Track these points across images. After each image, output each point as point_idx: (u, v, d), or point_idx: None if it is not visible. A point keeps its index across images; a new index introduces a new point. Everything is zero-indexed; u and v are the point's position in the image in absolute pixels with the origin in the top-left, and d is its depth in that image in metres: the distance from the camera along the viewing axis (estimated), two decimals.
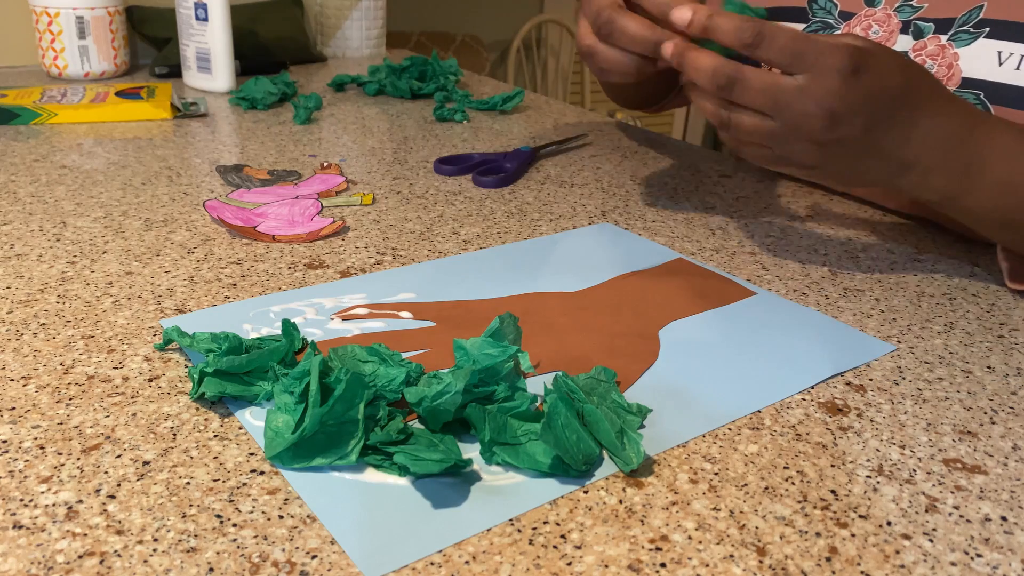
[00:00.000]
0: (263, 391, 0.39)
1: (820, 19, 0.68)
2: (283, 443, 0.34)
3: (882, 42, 0.59)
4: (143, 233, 0.58)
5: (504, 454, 0.35)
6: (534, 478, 0.35)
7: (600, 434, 0.36)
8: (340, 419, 0.34)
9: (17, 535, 0.30)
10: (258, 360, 0.39)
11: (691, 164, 0.82)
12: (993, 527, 0.33)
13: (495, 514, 0.32)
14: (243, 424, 0.37)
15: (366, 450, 0.35)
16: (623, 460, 0.35)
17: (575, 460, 0.34)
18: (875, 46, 0.48)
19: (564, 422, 0.35)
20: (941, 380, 0.44)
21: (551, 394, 0.36)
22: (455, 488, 0.34)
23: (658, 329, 0.47)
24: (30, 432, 0.36)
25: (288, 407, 0.36)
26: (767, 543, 0.32)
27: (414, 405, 0.36)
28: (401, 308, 0.48)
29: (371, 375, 0.39)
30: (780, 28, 0.48)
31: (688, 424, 0.39)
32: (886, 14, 0.64)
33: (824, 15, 0.68)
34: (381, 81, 1.05)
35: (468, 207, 0.67)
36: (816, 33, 0.60)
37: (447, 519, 0.32)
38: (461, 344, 0.40)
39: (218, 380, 0.38)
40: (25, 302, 0.48)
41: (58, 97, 0.89)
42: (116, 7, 1.04)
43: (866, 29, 0.64)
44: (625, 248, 0.59)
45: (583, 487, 0.34)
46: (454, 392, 0.35)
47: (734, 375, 0.43)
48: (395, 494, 0.33)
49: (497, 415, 0.36)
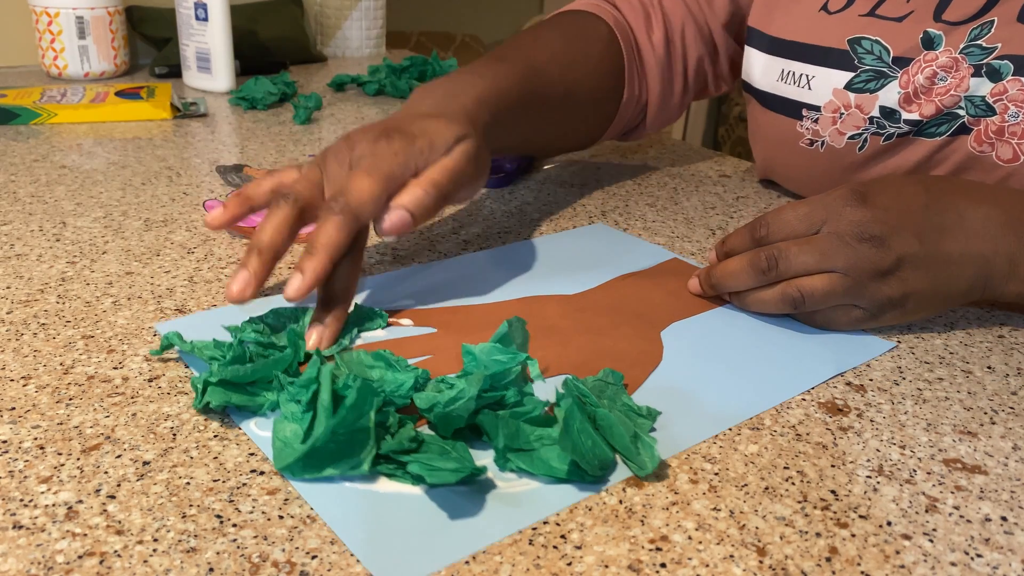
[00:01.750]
0: (268, 401, 0.38)
1: (870, 66, 0.59)
2: (293, 454, 0.33)
3: (951, 89, 0.56)
4: (143, 233, 0.58)
5: (519, 461, 0.34)
6: (549, 484, 0.34)
7: (614, 439, 0.36)
8: (351, 428, 0.33)
9: (17, 535, 0.30)
10: (263, 370, 0.38)
11: (691, 164, 0.82)
12: (993, 527, 0.33)
13: (514, 522, 0.32)
14: (249, 435, 0.37)
15: (378, 459, 0.34)
16: (638, 465, 0.35)
17: (591, 466, 0.34)
18: (875, 178, 0.47)
19: (580, 427, 0.34)
20: (941, 380, 0.44)
21: (564, 399, 0.36)
22: (470, 497, 0.33)
23: (659, 331, 0.47)
24: (30, 432, 0.36)
25: (295, 416, 0.36)
26: (767, 543, 0.32)
27: (425, 411, 0.36)
28: (401, 315, 0.48)
29: (378, 381, 0.38)
30: (777, 216, 0.48)
31: (696, 427, 0.39)
32: (952, 58, 0.56)
33: (874, 61, 0.59)
34: (381, 81, 1.05)
35: (468, 207, 0.67)
36: (867, 87, 0.59)
37: (466, 528, 0.32)
38: (470, 349, 0.39)
39: (222, 390, 0.37)
40: (25, 302, 0.48)
41: (58, 97, 0.89)
42: (116, 7, 1.04)
43: (930, 78, 0.57)
44: (620, 249, 0.59)
45: (598, 492, 0.34)
46: (468, 398, 0.35)
47: (738, 376, 0.43)
48: (410, 504, 0.33)
49: (510, 421, 0.35)
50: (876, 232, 0.45)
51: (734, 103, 1.93)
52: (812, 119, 0.63)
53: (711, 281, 0.50)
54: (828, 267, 0.45)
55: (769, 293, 0.47)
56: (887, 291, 0.45)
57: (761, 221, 0.49)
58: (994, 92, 0.55)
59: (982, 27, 0.56)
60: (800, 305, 0.46)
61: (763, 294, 0.48)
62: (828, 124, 0.62)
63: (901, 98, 0.58)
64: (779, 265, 0.46)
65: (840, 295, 0.46)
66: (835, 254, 0.45)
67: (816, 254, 0.45)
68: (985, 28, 0.55)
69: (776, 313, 0.48)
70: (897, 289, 0.45)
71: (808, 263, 0.46)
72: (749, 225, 0.50)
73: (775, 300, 0.47)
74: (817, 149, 0.64)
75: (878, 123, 0.60)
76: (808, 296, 0.46)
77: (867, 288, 0.45)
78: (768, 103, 0.68)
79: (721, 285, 0.50)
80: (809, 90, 0.63)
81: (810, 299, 0.46)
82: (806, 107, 0.64)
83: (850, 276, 0.45)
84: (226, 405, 0.38)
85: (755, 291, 0.48)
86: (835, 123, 0.62)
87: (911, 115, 0.58)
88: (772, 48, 0.66)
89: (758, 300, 0.48)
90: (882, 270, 0.45)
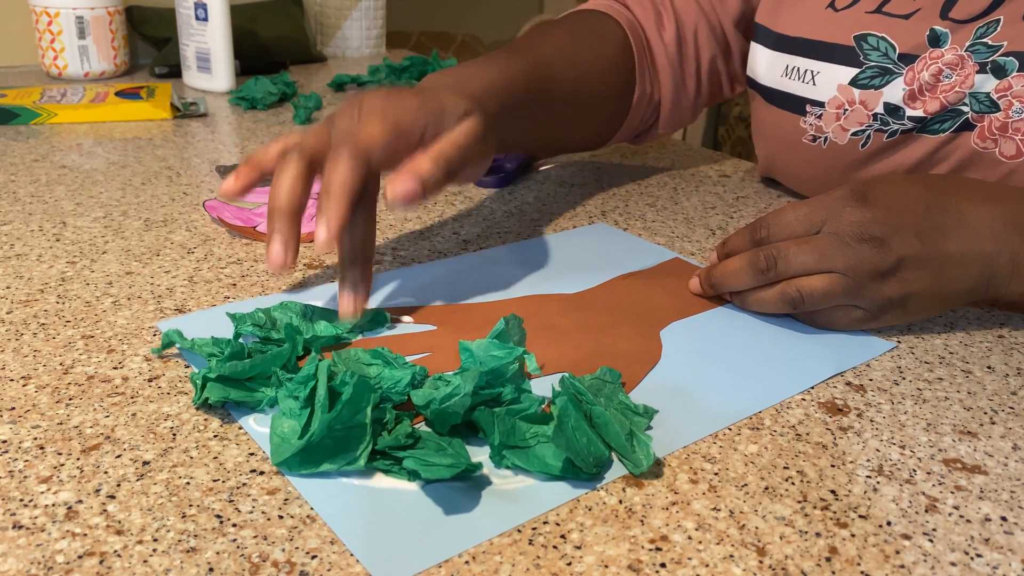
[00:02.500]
0: (266, 397, 0.38)
1: (876, 62, 0.59)
2: (290, 449, 0.34)
3: (956, 86, 0.56)
4: (143, 233, 0.58)
5: (514, 457, 0.35)
6: (544, 481, 0.34)
7: (609, 436, 0.36)
8: (347, 423, 0.34)
9: (17, 535, 0.30)
10: (261, 365, 0.39)
11: (691, 164, 0.82)
12: (993, 527, 0.33)
13: (508, 518, 0.32)
14: (247, 431, 0.37)
15: (374, 455, 0.34)
16: (633, 462, 0.35)
17: (586, 463, 0.34)
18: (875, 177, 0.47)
19: (575, 425, 0.34)
20: (941, 380, 0.44)
21: (560, 396, 0.36)
22: (465, 492, 0.33)
23: (659, 330, 0.47)
24: (30, 432, 0.36)
25: (293, 412, 0.36)
26: (767, 543, 0.32)
27: (421, 408, 0.36)
28: (402, 312, 0.48)
29: (376, 378, 0.38)
30: (777, 217, 0.48)
31: (693, 425, 0.39)
32: (958, 56, 0.56)
33: (880, 58, 0.59)
34: (381, 81, 1.05)
35: (468, 207, 0.67)
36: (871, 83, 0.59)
37: (460, 524, 0.32)
38: (467, 346, 0.40)
39: (221, 386, 0.38)
40: (25, 302, 0.48)
41: (58, 97, 0.89)
42: (116, 7, 1.04)
43: (935, 75, 0.57)
44: (621, 248, 0.59)
45: (594, 489, 0.34)
46: (463, 394, 0.35)
47: (737, 375, 0.43)
48: (405, 499, 0.33)
49: (506, 418, 0.35)
50: (876, 233, 0.44)
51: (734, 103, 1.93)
52: (816, 115, 0.63)
53: (711, 280, 0.50)
54: (827, 267, 0.45)
55: (769, 293, 0.47)
56: (888, 292, 0.45)
57: (761, 222, 0.49)
58: (999, 88, 0.55)
59: (988, 25, 0.56)
60: (799, 305, 0.46)
61: (763, 294, 0.48)
62: (832, 120, 0.62)
63: (906, 95, 0.58)
64: (778, 265, 0.46)
65: (840, 295, 0.45)
66: (835, 254, 0.45)
67: (815, 254, 0.45)
68: (991, 27, 0.55)
69: (776, 313, 0.48)
70: (898, 290, 0.45)
71: (807, 263, 0.46)
72: (750, 226, 0.50)
73: (774, 300, 0.47)
74: (820, 145, 0.64)
75: (882, 119, 0.60)
76: (807, 296, 0.46)
77: (867, 289, 0.45)
78: (772, 99, 0.67)
79: (721, 285, 0.50)
80: (814, 86, 0.63)
81: (809, 299, 0.46)
82: (810, 103, 0.63)
83: (850, 277, 0.45)
84: (225, 401, 0.38)
85: (755, 291, 0.48)
86: (839, 119, 0.62)
87: (915, 111, 0.58)
88: (778, 44, 0.66)
89: (758, 300, 0.48)
90: (882, 271, 0.45)
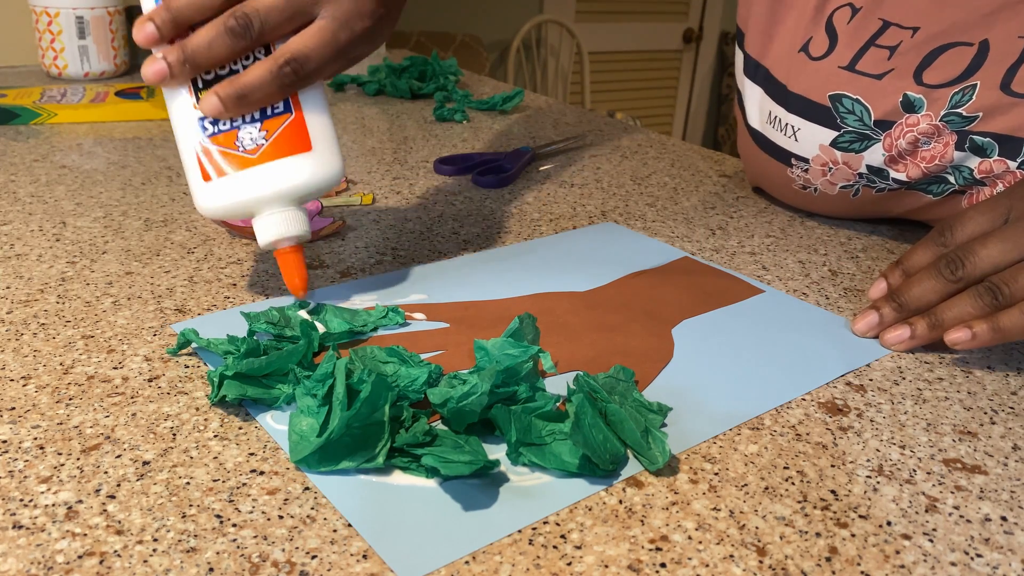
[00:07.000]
0: (283, 394, 0.38)
1: (853, 127, 0.58)
2: (309, 447, 0.34)
3: (937, 157, 0.54)
4: (143, 233, 0.58)
5: (531, 455, 0.35)
6: (561, 478, 0.35)
7: (625, 434, 0.36)
8: (365, 421, 0.34)
9: (17, 535, 0.30)
10: (277, 362, 0.39)
11: (691, 164, 0.82)
12: (993, 527, 0.33)
13: (526, 515, 0.32)
14: (265, 428, 0.37)
15: (392, 452, 0.35)
16: (649, 459, 0.35)
17: (603, 460, 0.34)
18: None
19: (591, 422, 0.35)
20: (941, 380, 0.44)
21: (576, 394, 0.37)
22: (483, 489, 0.34)
23: (670, 328, 0.47)
24: (30, 432, 0.36)
25: (311, 410, 0.36)
26: (767, 543, 0.32)
27: (438, 406, 0.36)
28: (414, 309, 0.48)
29: (393, 375, 0.39)
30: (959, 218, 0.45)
31: (706, 423, 0.39)
32: (933, 126, 0.54)
33: (856, 123, 0.57)
34: (381, 81, 1.05)
35: (468, 207, 0.67)
36: (851, 147, 0.57)
37: (479, 520, 0.32)
38: (482, 344, 0.40)
39: (238, 383, 0.38)
40: (25, 302, 0.48)
41: (58, 97, 0.89)
42: (116, 7, 1.04)
43: (912, 143, 0.55)
44: (631, 247, 0.59)
45: (611, 486, 0.34)
46: (480, 393, 0.35)
47: (747, 374, 0.43)
48: (424, 496, 0.33)
49: (522, 415, 0.36)
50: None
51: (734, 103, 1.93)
52: (802, 168, 0.63)
53: (899, 300, 0.46)
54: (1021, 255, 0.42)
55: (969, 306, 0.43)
56: None
57: (943, 225, 0.46)
58: (981, 168, 0.54)
59: (964, 91, 0.54)
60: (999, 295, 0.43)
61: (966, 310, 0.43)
62: (818, 175, 0.62)
63: (886, 159, 0.58)
64: (966, 267, 0.43)
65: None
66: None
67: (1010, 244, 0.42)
68: (967, 93, 0.54)
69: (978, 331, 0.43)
70: None
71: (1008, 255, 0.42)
72: (928, 235, 0.47)
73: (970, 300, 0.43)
74: (811, 193, 0.64)
75: (868, 178, 0.60)
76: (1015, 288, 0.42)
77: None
78: (759, 143, 0.67)
79: (909, 303, 0.46)
80: (796, 141, 0.62)
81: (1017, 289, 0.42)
82: (795, 157, 0.63)
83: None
84: (242, 398, 0.38)
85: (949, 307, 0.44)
86: (825, 175, 0.61)
87: (899, 175, 0.58)
88: (764, 82, 0.65)
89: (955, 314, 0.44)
90: None
